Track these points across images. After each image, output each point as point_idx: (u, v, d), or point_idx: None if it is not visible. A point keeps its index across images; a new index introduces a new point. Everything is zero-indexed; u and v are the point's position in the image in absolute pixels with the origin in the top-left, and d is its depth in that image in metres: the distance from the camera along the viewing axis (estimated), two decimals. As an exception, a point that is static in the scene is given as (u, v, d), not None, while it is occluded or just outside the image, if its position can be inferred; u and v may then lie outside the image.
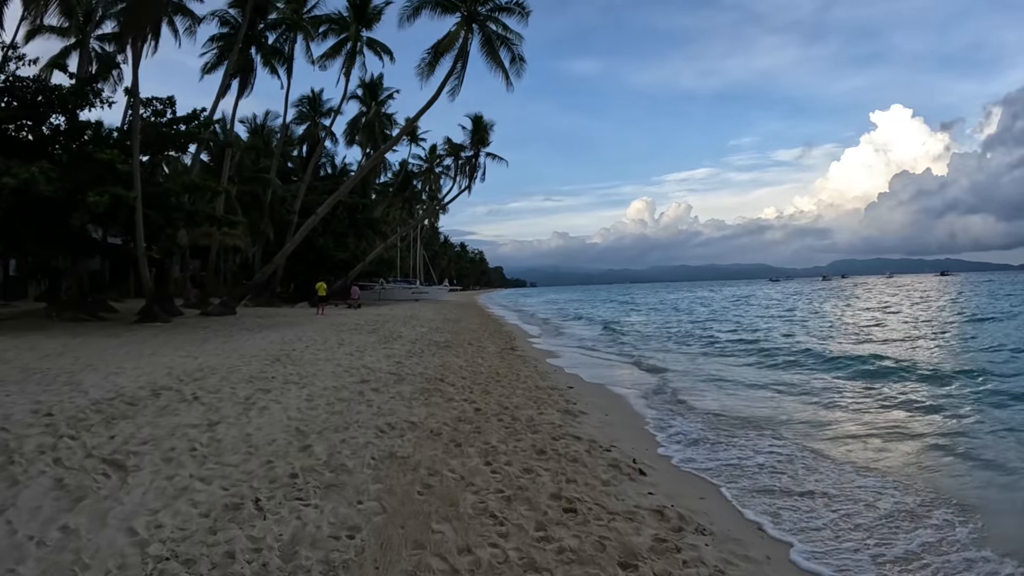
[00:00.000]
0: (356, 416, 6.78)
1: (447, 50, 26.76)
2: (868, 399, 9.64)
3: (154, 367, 9.85)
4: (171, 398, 7.45)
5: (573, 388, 10.07)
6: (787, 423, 8.07)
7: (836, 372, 12.33)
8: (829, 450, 6.79)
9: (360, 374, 9.72)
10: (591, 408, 8.51)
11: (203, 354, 11.63)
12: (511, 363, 12.77)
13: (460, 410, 7.49)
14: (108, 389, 8.01)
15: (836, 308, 37.22)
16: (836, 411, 8.90)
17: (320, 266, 39.69)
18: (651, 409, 9.02)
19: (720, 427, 7.87)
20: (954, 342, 17.03)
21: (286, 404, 7.25)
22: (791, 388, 10.71)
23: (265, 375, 9.17)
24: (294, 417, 6.63)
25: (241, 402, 7.26)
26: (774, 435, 7.42)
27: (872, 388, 10.46)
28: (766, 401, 9.65)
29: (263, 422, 6.39)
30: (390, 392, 8.33)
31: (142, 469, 4.99)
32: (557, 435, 6.67)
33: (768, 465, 6.23)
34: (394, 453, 5.48)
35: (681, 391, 10.41)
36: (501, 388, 9.35)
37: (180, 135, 19.37)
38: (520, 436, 6.48)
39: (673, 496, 5.17)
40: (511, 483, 4.97)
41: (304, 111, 47.41)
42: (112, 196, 16.36)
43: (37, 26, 29.50)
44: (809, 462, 6.34)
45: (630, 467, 5.78)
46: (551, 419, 7.45)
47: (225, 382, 8.52)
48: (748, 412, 8.72)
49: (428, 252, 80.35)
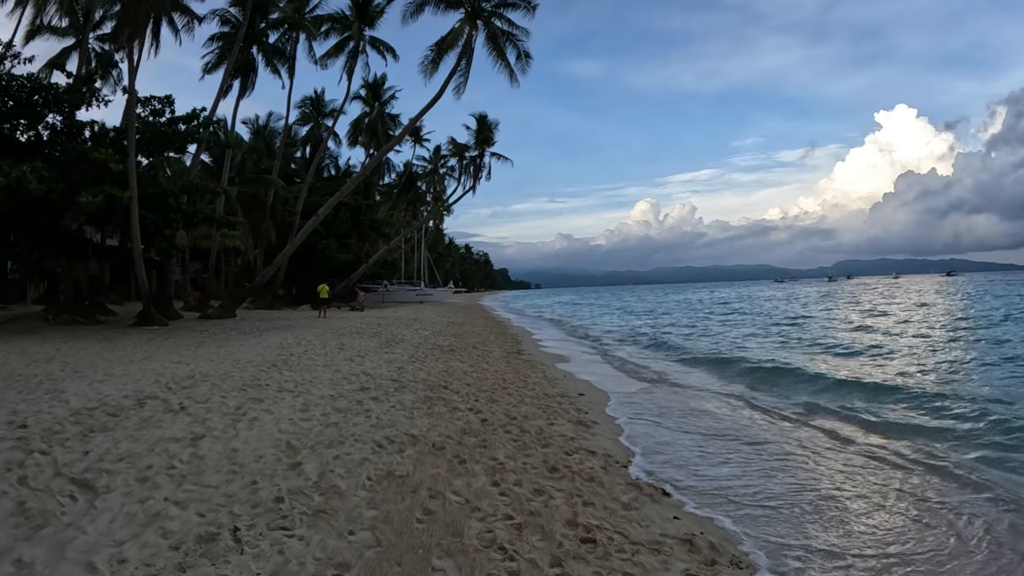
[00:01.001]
0: (353, 428, 6.28)
1: (451, 47, 26.29)
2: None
3: (143, 374, 9.39)
4: (156, 408, 6.98)
5: (584, 395, 9.55)
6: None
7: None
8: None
9: (359, 381, 9.23)
10: (604, 418, 8.00)
11: (196, 359, 11.16)
12: (518, 368, 12.26)
13: (465, 421, 6.98)
14: (91, 398, 7.55)
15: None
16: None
17: (323, 268, 39.28)
18: (667, 421, 8.49)
19: (730, 437, 7.34)
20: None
21: (278, 415, 6.75)
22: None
23: (259, 382, 8.68)
24: (286, 430, 6.13)
25: (230, 413, 6.77)
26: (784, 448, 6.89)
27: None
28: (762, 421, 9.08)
29: (252, 435, 5.89)
30: (390, 401, 7.83)
31: (113, 491, 4.50)
32: (570, 449, 6.16)
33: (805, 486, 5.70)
34: (392, 472, 4.97)
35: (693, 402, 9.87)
36: (508, 396, 8.84)
37: (178, 135, 18.94)
38: (530, 451, 5.97)
39: (701, 521, 4.66)
40: (521, 507, 4.46)
41: (307, 112, 47.06)
42: (106, 196, 15.95)
43: (36, 26, 29.25)
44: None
45: (651, 486, 5.27)
46: (562, 430, 6.94)
47: (216, 390, 8.04)
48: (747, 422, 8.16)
49: (432, 254, 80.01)
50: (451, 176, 54.12)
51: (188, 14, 27.09)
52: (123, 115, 24.16)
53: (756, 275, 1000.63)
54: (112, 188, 16.52)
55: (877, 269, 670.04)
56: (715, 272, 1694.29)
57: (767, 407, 9.13)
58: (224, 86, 27.83)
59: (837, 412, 8.64)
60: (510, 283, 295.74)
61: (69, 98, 19.58)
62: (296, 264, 38.09)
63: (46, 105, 19.34)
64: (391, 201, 57.44)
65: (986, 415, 8.06)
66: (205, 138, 22.25)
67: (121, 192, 16.37)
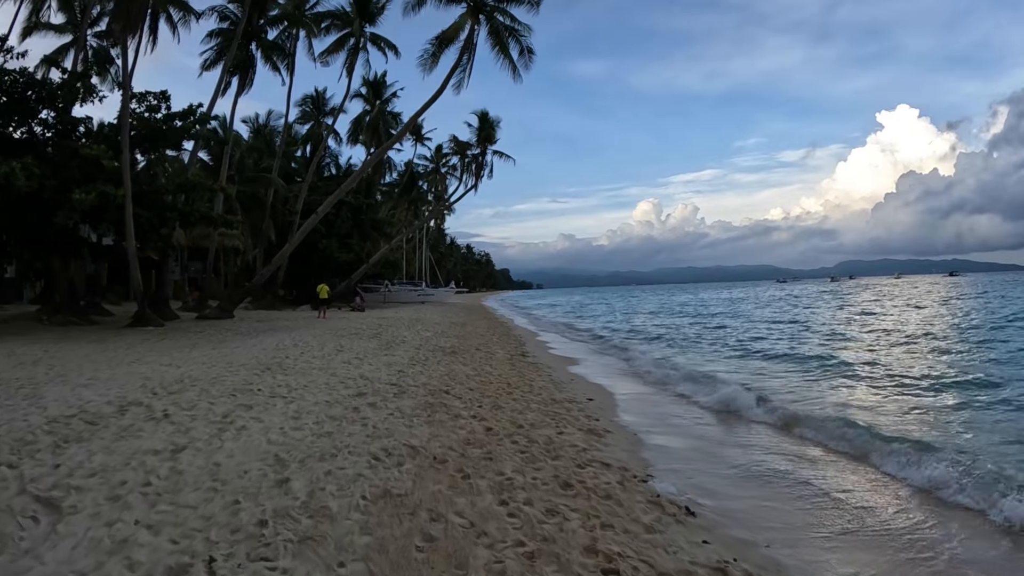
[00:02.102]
0: (347, 439, 5.82)
1: (452, 41, 25.82)
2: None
3: (130, 378, 8.94)
4: (138, 416, 6.52)
5: (593, 400, 9.08)
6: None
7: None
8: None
9: (356, 385, 8.76)
10: (616, 426, 7.52)
11: (188, 362, 10.71)
12: (522, 371, 11.78)
13: (468, 430, 6.51)
14: (71, 404, 7.10)
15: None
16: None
17: (324, 268, 38.85)
18: (682, 430, 8.01)
19: (756, 447, 6.87)
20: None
21: (268, 423, 6.29)
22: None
23: (250, 387, 8.22)
24: (275, 440, 5.67)
25: (217, 421, 6.31)
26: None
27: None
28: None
29: (237, 447, 5.43)
30: (389, 408, 7.36)
31: (80, 511, 4.05)
32: (582, 461, 5.69)
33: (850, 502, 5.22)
34: (389, 490, 4.50)
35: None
36: (513, 401, 8.37)
37: (174, 131, 18.49)
38: (539, 463, 5.50)
39: (732, 545, 4.19)
40: (533, 531, 3.99)
41: (307, 110, 46.63)
42: (99, 194, 15.52)
43: (33, 23, 28.87)
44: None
45: (674, 504, 4.80)
46: (573, 440, 6.47)
47: (204, 396, 7.58)
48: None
49: (434, 254, 79.60)
50: (453, 175, 53.69)
51: (185, 10, 26.66)
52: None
53: (758, 275, 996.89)
54: (106, 185, 16.09)
55: (879, 269, 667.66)
56: (717, 272, 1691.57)
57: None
58: (222, 83, 27.39)
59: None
60: (512, 283, 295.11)
61: (63, 94, 19.17)
62: (297, 264, 37.67)
63: (40, 101, 18.92)
64: (392, 200, 57.02)
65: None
66: (202, 134, 21.81)
67: (115, 189, 15.94)
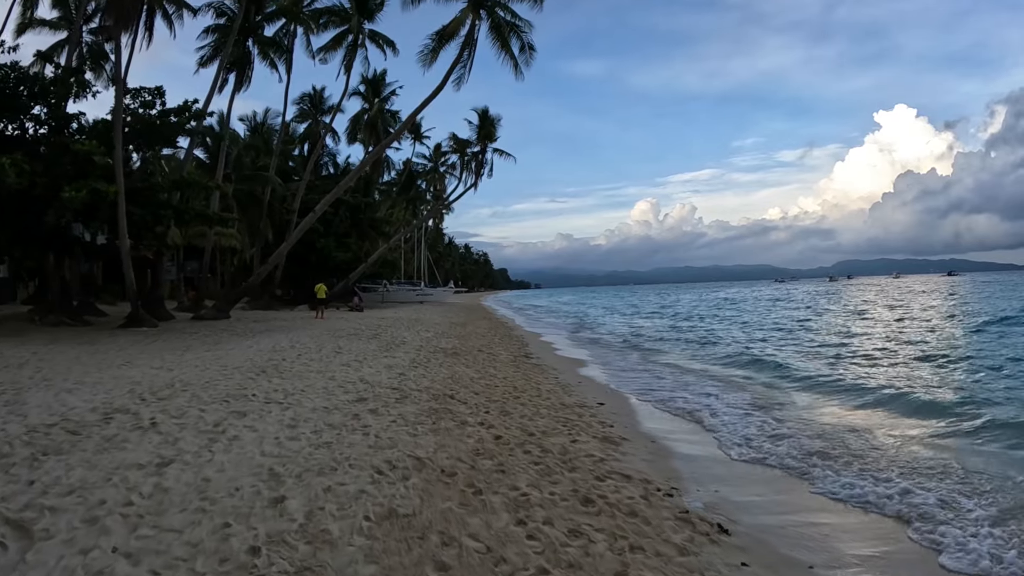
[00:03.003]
0: (348, 450, 5.41)
1: (452, 36, 25.34)
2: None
3: (117, 382, 8.51)
4: (124, 424, 6.10)
5: (604, 404, 8.68)
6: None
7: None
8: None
9: (356, 390, 8.35)
10: (632, 432, 7.12)
11: (181, 365, 10.28)
12: (527, 373, 11.38)
13: (477, 438, 6.11)
14: (53, 411, 6.67)
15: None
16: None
17: (322, 267, 38.42)
18: (700, 434, 7.61)
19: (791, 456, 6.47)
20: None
21: (263, 432, 5.88)
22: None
23: (245, 392, 7.80)
24: (269, 452, 5.25)
25: (207, 430, 5.90)
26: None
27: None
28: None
29: (229, 460, 5.02)
30: (391, 414, 6.95)
31: (53, 536, 3.64)
32: (601, 473, 5.29)
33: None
34: (394, 510, 4.09)
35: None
36: (522, 406, 7.96)
37: (168, 126, 18.02)
38: (555, 476, 5.10)
39: (775, 567, 3.81)
40: (557, 556, 3.59)
41: (305, 109, 46.12)
42: (90, 191, 15.07)
43: (28, 19, 28.40)
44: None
45: (705, 521, 4.40)
46: (588, 449, 6.07)
47: (195, 402, 7.16)
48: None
49: (432, 254, 79.16)
50: (451, 174, 53.26)
51: (180, 5, 26.18)
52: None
53: (756, 275, 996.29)
54: (97, 182, 15.65)
55: (877, 269, 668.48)
56: (715, 272, 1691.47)
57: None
58: (218, 80, 26.92)
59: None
60: (510, 283, 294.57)
61: (56, 89, 18.73)
62: (294, 263, 37.22)
63: (32, 97, 18.47)
64: (391, 199, 56.57)
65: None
66: (198, 131, 21.36)
67: (107, 186, 15.50)
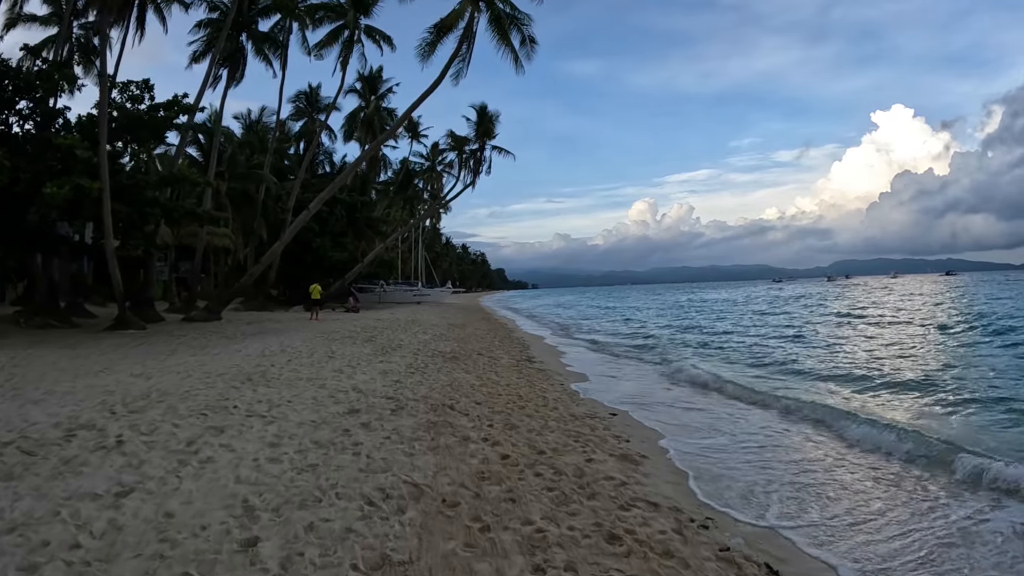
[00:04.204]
0: (335, 474, 4.76)
1: (450, 28, 24.68)
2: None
3: (90, 391, 7.85)
4: (86, 443, 5.44)
5: (617, 415, 8.04)
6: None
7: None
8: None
9: (348, 400, 7.69)
10: (651, 448, 6.48)
11: (161, 372, 9.62)
12: (531, 379, 10.74)
13: (481, 458, 5.46)
14: (13, 427, 6.01)
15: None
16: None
17: (317, 267, 37.75)
18: (731, 452, 6.97)
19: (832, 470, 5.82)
20: None
21: (241, 452, 5.22)
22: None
23: (226, 403, 7.13)
24: (246, 478, 4.60)
25: (178, 450, 5.24)
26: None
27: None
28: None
29: (198, 488, 4.36)
30: (385, 429, 6.30)
31: (-26, 592, 3.00)
32: (624, 501, 4.64)
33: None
34: (388, 556, 3.44)
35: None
36: (528, 419, 7.32)
37: (155, 119, 17.31)
38: (573, 505, 4.46)
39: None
40: (584, 618, 2.96)
41: (301, 107, 45.47)
42: (73, 187, 14.40)
43: (17, 14, 27.71)
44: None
45: (752, 562, 3.76)
46: (606, 469, 5.42)
47: (170, 415, 6.50)
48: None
49: (430, 254, 78.47)
50: (449, 173, 52.61)
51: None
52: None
53: (753, 275, 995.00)
54: (81, 178, 14.98)
55: (874, 269, 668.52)
56: (712, 272, 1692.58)
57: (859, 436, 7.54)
58: (211, 75, 26.23)
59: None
60: (507, 283, 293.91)
61: (42, 83, 18.06)
62: (289, 263, 36.55)
63: (17, 91, 17.79)
64: (388, 199, 55.92)
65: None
66: (188, 126, 20.66)
67: (90, 182, 14.82)
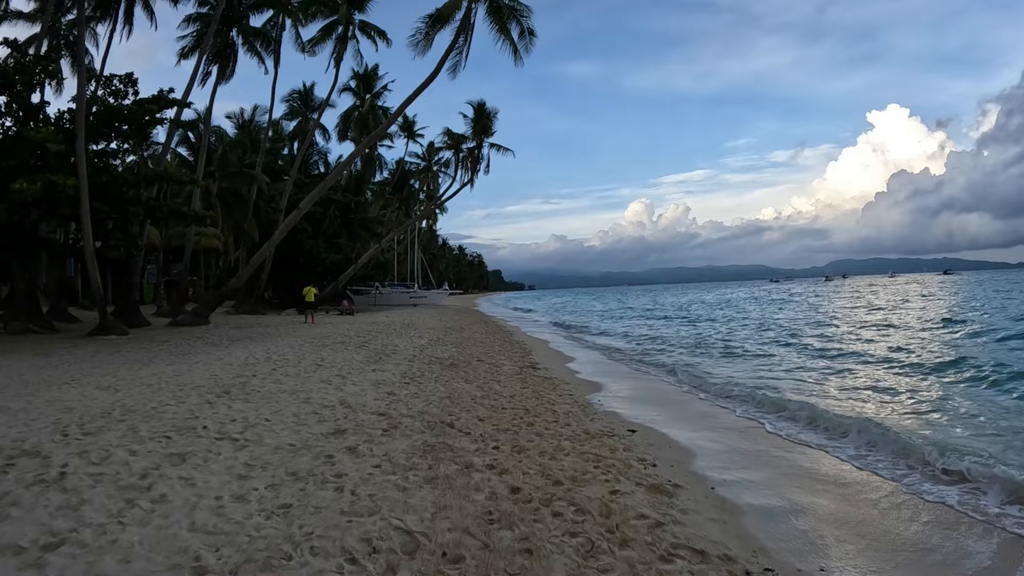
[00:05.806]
0: (311, 518, 3.92)
1: (447, 19, 23.84)
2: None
3: (48, 408, 6.99)
4: (24, 474, 4.59)
5: (636, 432, 7.22)
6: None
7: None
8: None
9: (334, 417, 6.85)
10: (683, 473, 5.65)
11: (131, 384, 8.76)
12: (538, 390, 9.90)
13: (488, 492, 4.63)
14: (-60, 454, 5.16)
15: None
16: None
17: (310, 269, 36.91)
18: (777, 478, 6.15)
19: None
20: None
21: (202, 488, 4.38)
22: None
23: (195, 424, 6.28)
24: (202, 525, 3.76)
25: (129, 484, 4.40)
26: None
27: None
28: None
29: (143, 539, 3.52)
30: (375, 454, 5.46)
31: None
32: (664, 549, 3.81)
33: None
34: (372, 647, 2.62)
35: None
36: (538, 437, 6.48)
37: (136, 113, 16.42)
38: (604, 558, 3.63)
39: None
40: None
41: (295, 106, 44.60)
42: (45, 184, 13.54)
43: (4, 11, 26.83)
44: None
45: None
46: (635, 504, 4.58)
47: (128, 438, 5.66)
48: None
49: (426, 255, 77.55)
50: (445, 173, 51.81)
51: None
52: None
53: (750, 275, 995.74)
54: (55, 175, 14.11)
55: (870, 268, 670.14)
56: (709, 272, 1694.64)
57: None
58: (199, 71, 25.38)
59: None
60: (504, 284, 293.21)
61: (21, 78, 17.20)
62: (282, 265, 35.71)
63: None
64: (383, 199, 55.08)
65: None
66: (175, 121, 19.78)
67: (64, 179, 13.95)
